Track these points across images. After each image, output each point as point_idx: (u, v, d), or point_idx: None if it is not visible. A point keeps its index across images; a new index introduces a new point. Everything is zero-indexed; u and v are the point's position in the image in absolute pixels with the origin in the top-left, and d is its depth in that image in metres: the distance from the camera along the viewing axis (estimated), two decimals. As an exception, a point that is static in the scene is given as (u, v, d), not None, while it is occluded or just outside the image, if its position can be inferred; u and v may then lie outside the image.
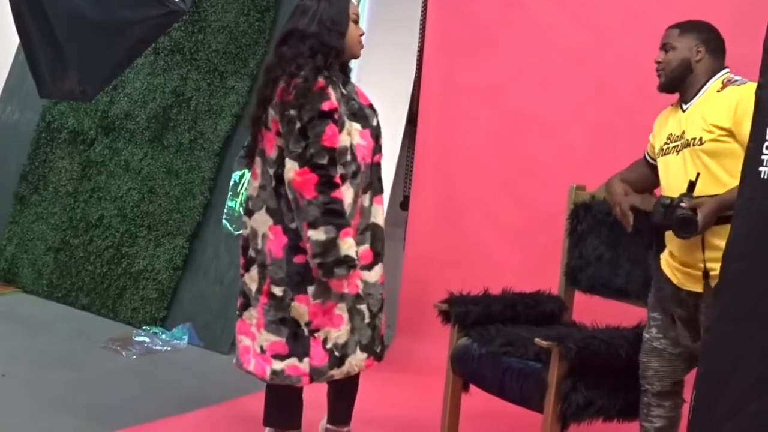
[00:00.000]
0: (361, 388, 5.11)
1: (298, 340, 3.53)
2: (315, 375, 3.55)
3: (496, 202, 5.16)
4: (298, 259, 3.50)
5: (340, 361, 3.57)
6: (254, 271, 3.58)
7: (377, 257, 3.67)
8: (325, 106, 3.42)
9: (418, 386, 4.69)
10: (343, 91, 3.56)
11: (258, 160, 3.58)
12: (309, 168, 3.41)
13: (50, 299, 5.98)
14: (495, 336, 3.82)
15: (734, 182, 3.04)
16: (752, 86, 2.87)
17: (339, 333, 3.55)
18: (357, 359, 3.61)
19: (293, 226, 3.49)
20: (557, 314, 4.11)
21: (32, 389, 4.54)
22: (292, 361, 3.54)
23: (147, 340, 5.34)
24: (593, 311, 4.01)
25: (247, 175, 5.51)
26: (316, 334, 3.53)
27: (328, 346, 3.54)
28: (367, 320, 3.62)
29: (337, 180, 3.45)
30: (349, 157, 3.50)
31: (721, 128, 3.23)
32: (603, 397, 3.60)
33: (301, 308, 3.51)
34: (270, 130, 3.50)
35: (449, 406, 3.97)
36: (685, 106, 3.42)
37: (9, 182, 6.40)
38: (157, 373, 4.96)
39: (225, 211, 5.61)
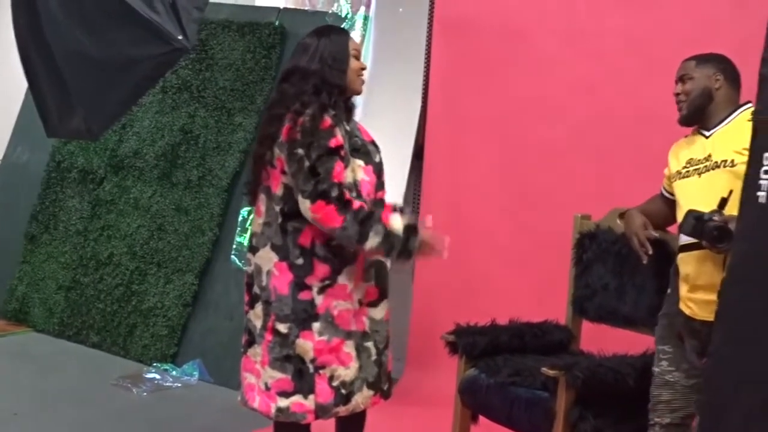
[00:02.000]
0: (370, 421, 5.10)
1: (303, 377, 3.52)
2: (320, 412, 3.55)
3: (503, 232, 5.18)
4: (303, 295, 3.50)
5: (346, 399, 3.56)
6: (259, 308, 3.58)
7: (382, 294, 3.67)
8: (333, 143, 3.44)
9: (428, 418, 4.68)
10: (347, 127, 3.59)
11: (262, 197, 3.59)
12: (323, 202, 3.43)
13: (61, 338, 6.01)
14: (502, 366, 3.83)
15: None
16: None
17: (347, 371, 3.55)
18: (363, 396, 3.61)
19: (299, 262, 3.49)
20: (565, 344, 4.12)
21: (43, 427, 4.56)
22: (297, 398, 3.53)
23: (158, 376, 5.36)
24: (601, 340, 4.01)
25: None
26: (321, 371, 3.52)
27: (335, 383, 3.53)
28: (373, 357, 3.62)
29: (348, 197, 3.45)
30: (354, 194, 3.52)
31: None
32: (611, 425, 3.59)
33: (306, 345, 3.51)
34: (275, 167, 3.52)
35: (459, 438, 3.98)
36: (707, 133, 3.43)
37: (20, 222, 6.44)
38: (168, 409, 4.98)
39: (234, 246, 5.64)
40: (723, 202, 3.21)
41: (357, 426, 3.86)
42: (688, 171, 3.43)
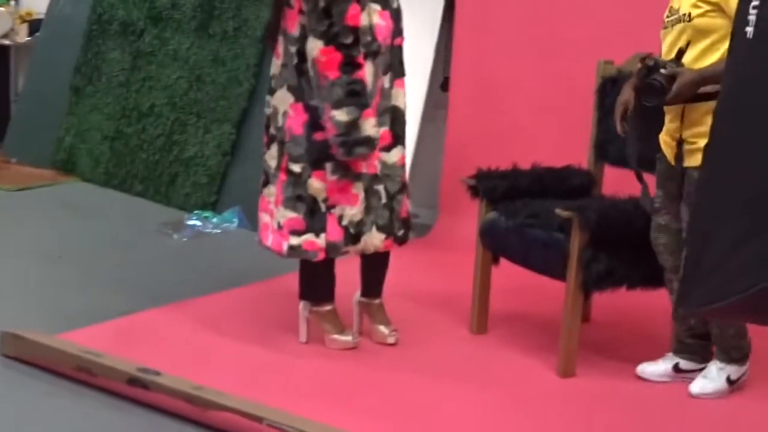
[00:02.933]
0: (401, 264, 5.28)
1: (315, 216, 3.65)
2: (330, 250, 3.68)
3: (531, 80, 5.20)
4: (317, 136, 3.60)
5: (354, 238, 3.69)
6: (274, 148, 3.70)
7: (397, 139, 3.74)
8: None
9: (456, 261, 4.79)
10: None
11: (280, 38, 3.65)
12: (334, 47, 3.48)
13: (107, 187, 6.19)
14: (521, 209, 3.91)
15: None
16: None
17: (354, 211, 3.66)
18: (373, 238, 3.72)
19: (313, 103, 3.57)
20: (587, 188, 4.18)
21: (86, 269, 4.76)
22: (309, 236, 3.67)
23: (198, 223, 5.53)
24: (623, 185, 4.06)
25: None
26: (332, 210, 3.64)
27: (344, 222, 3.66)
28: (383, 201, 3.72)
29: (360, 60, 3.52)
30: (369, 37, 3.56)
31: (709, 2, 3.26)
32: (625, 265, 3.67)
33: (319, 185, 3.62)
34: (293, 8, 3.57)
35: (479, 278, 4.10)
36: None
37: (65, 75, 6.57)
38: (207, 253, 5.15)
39: (270, 97, 5.71)
40: (680, 53, 3.28)
41: (379, 268, 3.99)
42: (667, 21, 3.45)
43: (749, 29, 2.35)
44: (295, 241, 3.69)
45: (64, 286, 4.53)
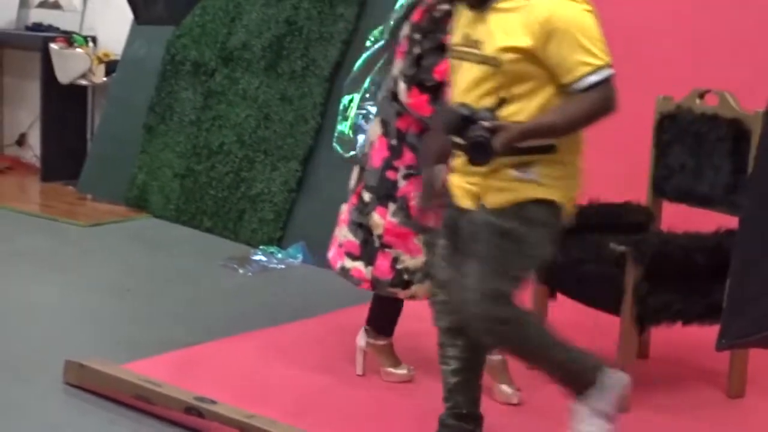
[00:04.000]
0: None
1: (368, 248, 3.73)
2: (376, 284, 3.75)
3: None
4: (390, 174, 3.70)
5: (405, 284, 3.73)
6: (356, 170, 3.85)
7: None
8: (447, 39, 3.45)
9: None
10: None
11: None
12: (417, 89, 3.56)
13: (177, 223, 6.32)
14: (578, 244, 3.92)
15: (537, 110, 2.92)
16: None
17: (413, 261, 3.70)
18: (422, 288, 3.71)
19: (393, 143, 3.68)
20: (645, 224, 4.17)
21: (153, 302, 4.87)
22: (359, 264, 3.76)
23: (263, 258, 5.61)
24: (682, 221, 4.05)
25: (356, 98, 5.71)
26: (386, 249, 3.70)
27: (399, 266, 3.70)
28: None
29: (446, 92, 3.53)
30: None
31: (520, 50, 2.94)
32: (680, 300, 3.67)
33: (379, 220, 3.70)
34: (399, 44, 3.69)
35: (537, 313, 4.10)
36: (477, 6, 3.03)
37: (139, 114, 6.73)
38: (271, 288, 5.23)
39: (335, 134, 5.79)
40: (502, 101, 2.95)
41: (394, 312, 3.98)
42: (464, 51, 3.06)
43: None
44: (348, 263, 3.80)
45: (130, 318, 4.65)
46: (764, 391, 3.86)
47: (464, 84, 3.04)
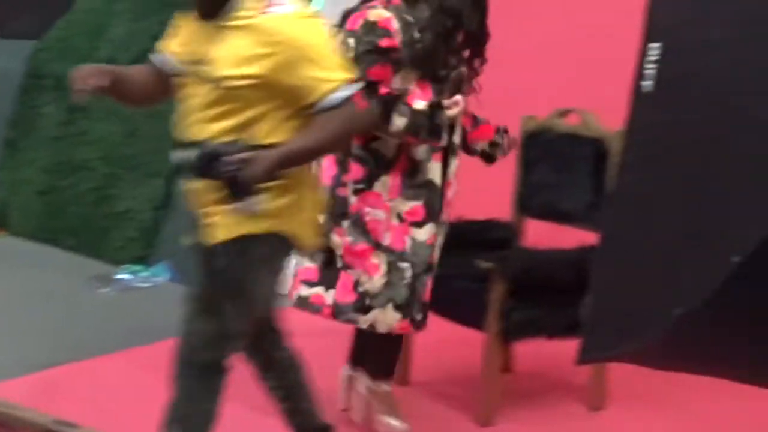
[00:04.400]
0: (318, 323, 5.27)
1: (329, 269, 3.50)
2: (338, 311, 3.50)
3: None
4: (340, 191, 3.48)
5: (366, 309, 3.48)
6: None
7: (429, 216, 3.55)
8: (384, 43, 3.38)
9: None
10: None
11: None
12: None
13: (38, 241, 6.14)
14: (442, 261, 3.95)
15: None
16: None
17: (371, 282, 3.47)
18: (387, 317, 3.49)
19: (340, 158, 3.48)
20: (509, 240, 4.23)
21: (12, 322, 4.73)
22: (319, 289, 3.52)
23: (129, 277, 5.52)
24: (545, 237, 4.14)
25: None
26: (348, 270, 3.48)
27: (360, 289, 3.48)
28: (407, 280, 3.49)
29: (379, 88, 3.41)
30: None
31: (253, 76, 2.83)
32: (544, 315, 3.74)
33: (337, 241, 3.49)
34: None
35: (403, 330, 4.13)
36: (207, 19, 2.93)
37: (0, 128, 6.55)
38: (138, 307, 5.14)
39: (203, 151, 5.76)
40: (240, 127, 2.84)
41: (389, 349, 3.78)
42: (192, 69, 2.96)
43: (646, 83, 2.43)
44: (305, 291, 3.55)
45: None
46: (624, 404, 3.96)
47: (195, 106, 2.91)
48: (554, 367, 4.31)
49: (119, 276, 5.50)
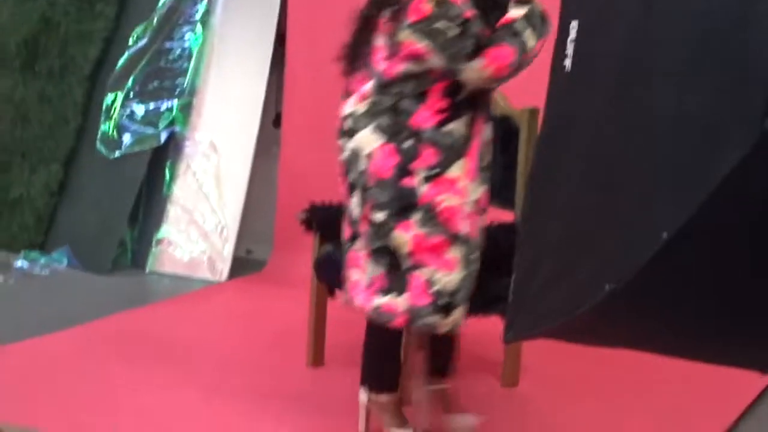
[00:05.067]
0: (235, 300, 5.26)
1: (396, 274, 3.20)
2: (414, 316, 3.21)
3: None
4: (406, 181, 3.18)
5: (446, 311, 3.22)
6: (357, 196, 3.29)
7: (489, 200, 3.41)
8: (468, 14, 3.20)
9: (292, 297, 4.82)
10: None
11: (362, 75, 3.33)
12: (489, 48, 3.20)
13: (-73, 230, 5.96)
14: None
15: None
16: None
17: (449, 278, 3.20)
18: (462, 313, 3.28)
19: (406, 145, 3.20)
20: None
21: None
22: (390, 297, 3.22)
23: (26, 264, 5.39)
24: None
25: (120, 97, 5.56)
26: (417, 271, 3.18)
27: (434, 288, 3.20)
28: (475, 272, 3.31)
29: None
30: None
31: None
32: (457, 294, 3.75)
33: (402, 237, 3.19)
34: (396, 52, 3.23)
35: (315, 311, 4.12)
36: None
37: None
38: (37, 295, 5.04)
39: (99, 135, 5.64)
40: None
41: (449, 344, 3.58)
42: None
43: (567, 62, 2.45)
44: (379, 300, 3.23)
45: None
46: (536, 380, 4.01)
47: None
48: (469, 344, 4.35)
49: (16, 264, 5.37)
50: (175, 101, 5.56)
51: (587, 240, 2.36)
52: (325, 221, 4.06)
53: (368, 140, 3.23)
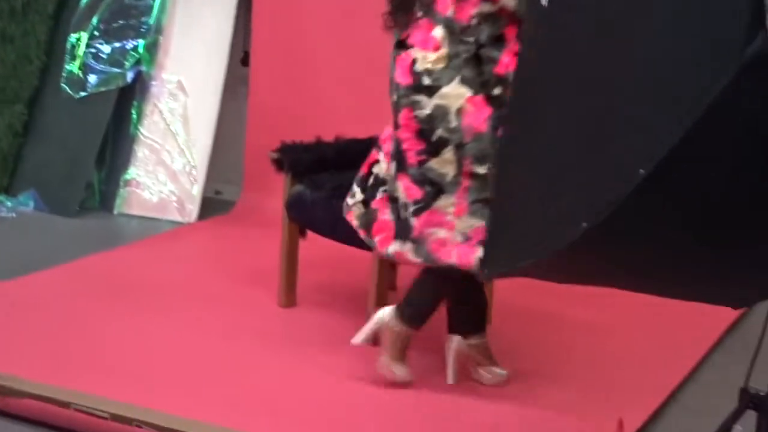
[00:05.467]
0: (206, 241, 5.23)
1: None
2: None
3: (333, 53, 5.23)
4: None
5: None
6: (448, 153, 3.22)
7: None
8: None
9: (263, 237, 4.79)
10: None
11: (435, 27, 3.25)
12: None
13: None
14: (327, 181, 3.92)
15: None
16: None
17: None
18: None
19: (497, 92, 3.18)
20: (391, 158, 4.21)
21: None
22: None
23: (-9, 207, 5.33)
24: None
25: (84, 36, 5.46)
26: None
27: None
28: None
29: None
30: None
31: None
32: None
33: None
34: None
35: (286, 252, 4.09)
36: None
37: None
38: (3, 238, 4.97)
39: (64, 75, 5.54)
40: None
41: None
42: None
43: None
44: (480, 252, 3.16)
45: None
46: (505, 319, 4.01)
47: None
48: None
49: (-19, 207, 5.31)
50: (141, 40, 5.47)
51: (564, 175, 2.35)
52: (296, 161, 4.03)
53: (456, 95, 3.19)
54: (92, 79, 5.46)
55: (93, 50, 5.50)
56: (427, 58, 3.24)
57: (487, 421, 3.26)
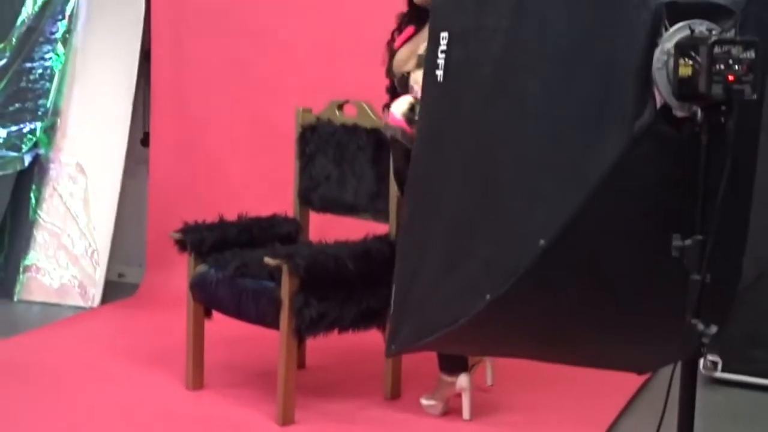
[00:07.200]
0: (111, 326, 5.13)
1: None
2: None
3: (233, 131, 5.22)
4: None
5: None
6: None
7: None
8: None
9: (168, 319, 4.71)
10: None
11: None
12: None
13: None
14: (230, 260, 3.90)
15: None
16: None
17: None
18: None
19: None
20: (294, 235, 4.21)
21: None
22: None
23: None
24: (329, 230, 4.14)
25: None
26: None
27: None
28: None
29: None
30: None
31: None
32: (336, 309, 3.72)
33: None
34: None
35: (192, 334, 4.03)
36: None
37: None
38: None
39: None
40: None
41: None
42: None
43: (439, 73, 2.46)
44: None
45: None
46: (419, 391, 3.99)
47: None
48: (347, 358, 4.33)
49: None
50: (39, 123, 5.40)
51: (465, 248, 2.37)
52: (199, 241, 4.00)
53: None
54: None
55: (-8, 132, 5.41)
56: None
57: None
